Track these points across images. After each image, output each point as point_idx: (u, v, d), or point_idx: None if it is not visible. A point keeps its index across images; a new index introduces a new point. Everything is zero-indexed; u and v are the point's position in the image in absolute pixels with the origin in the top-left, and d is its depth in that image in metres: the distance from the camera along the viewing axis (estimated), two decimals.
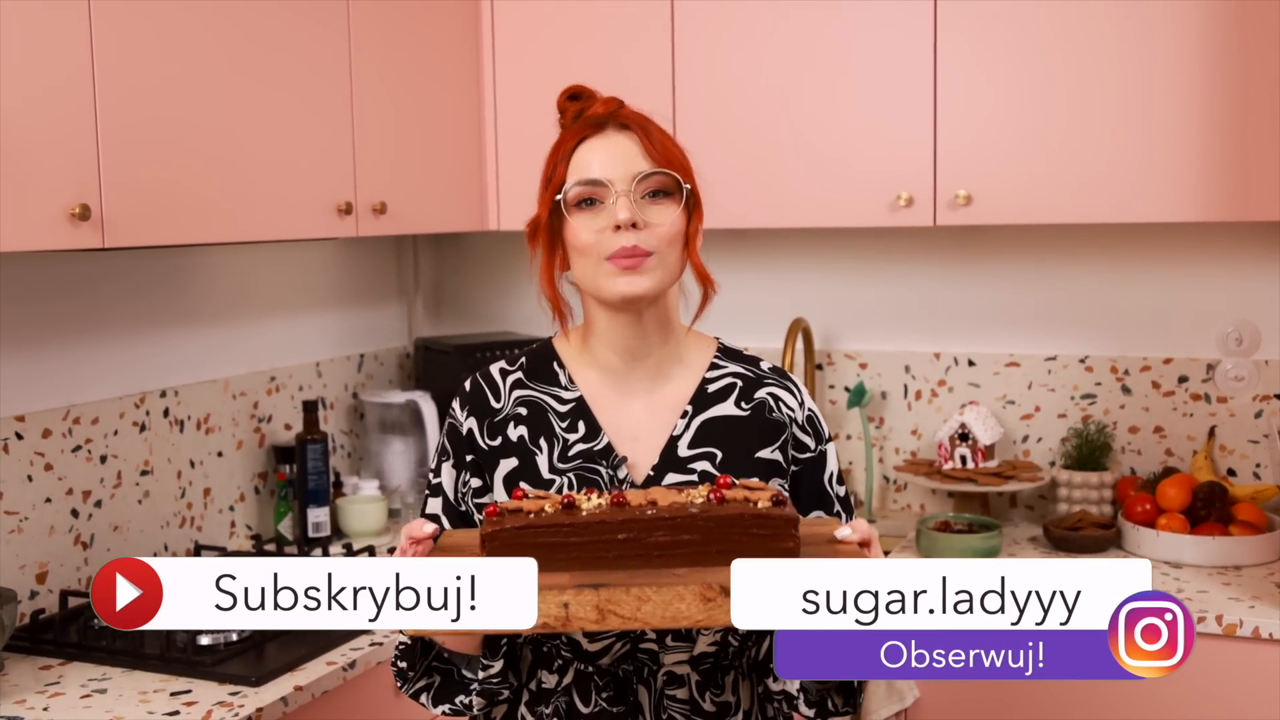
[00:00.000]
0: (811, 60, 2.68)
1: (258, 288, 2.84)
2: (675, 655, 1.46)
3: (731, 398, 1.51)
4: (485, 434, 1.49)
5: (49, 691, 1.96)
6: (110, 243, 1.94)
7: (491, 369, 1.54)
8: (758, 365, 1.55)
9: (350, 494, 2.93)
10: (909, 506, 3.07)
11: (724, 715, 1.48)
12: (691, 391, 1.50)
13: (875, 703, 2.40)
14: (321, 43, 2.42)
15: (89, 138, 1.91)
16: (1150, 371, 2.84)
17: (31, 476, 2.26)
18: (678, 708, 1.46)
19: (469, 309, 3.47)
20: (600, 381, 1.50)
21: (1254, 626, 2.21)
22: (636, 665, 1.46)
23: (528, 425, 1.48)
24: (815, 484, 1.52)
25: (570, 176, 1.43)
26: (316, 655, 2.08)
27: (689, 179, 1.45)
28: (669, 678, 1.46)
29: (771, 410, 1.51)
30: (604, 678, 1.46)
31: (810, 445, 1.52)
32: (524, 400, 1.50)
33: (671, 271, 1.44)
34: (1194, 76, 2.42)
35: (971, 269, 2.97)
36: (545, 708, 1.48)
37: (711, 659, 1.47)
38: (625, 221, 1.39)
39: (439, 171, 2.80)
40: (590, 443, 1.47)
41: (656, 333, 1.48)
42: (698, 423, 1.48)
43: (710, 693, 1.47)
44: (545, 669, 1.48)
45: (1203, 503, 2.60)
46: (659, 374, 1.50)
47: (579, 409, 1.49)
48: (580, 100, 1.49)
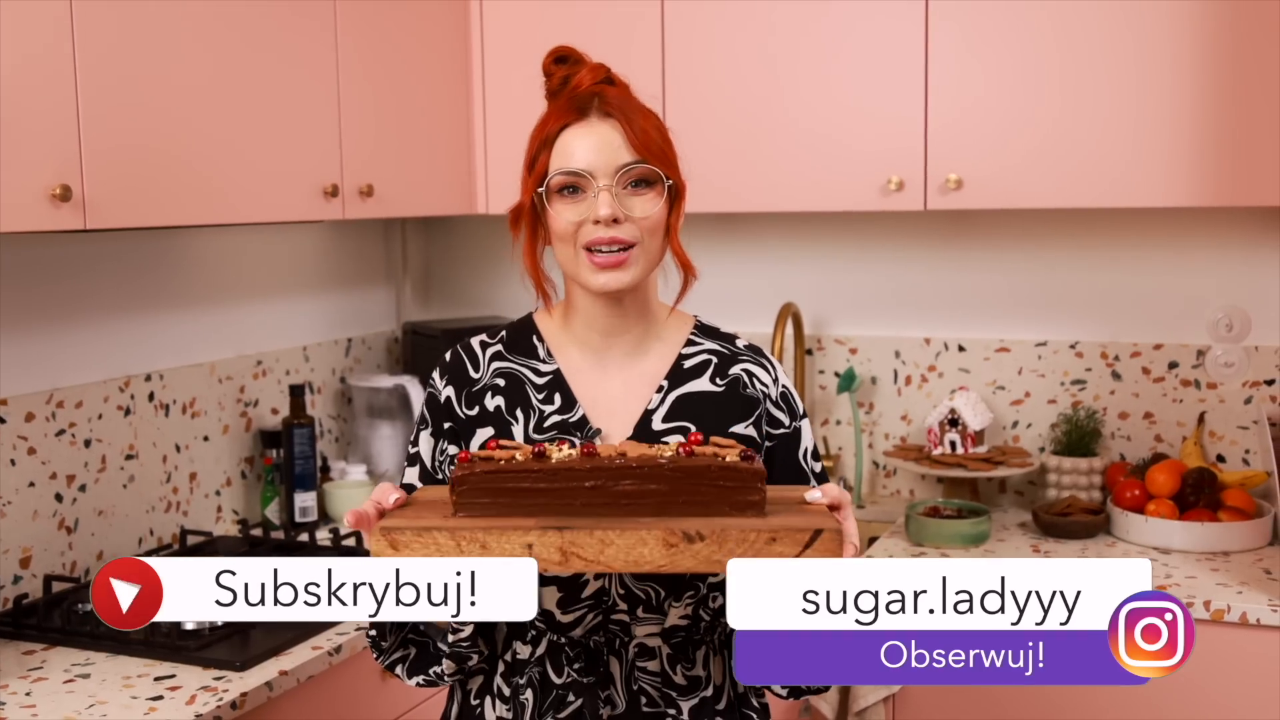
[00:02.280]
0: (802, 43, 2.67)
1: (244, 271, 2.82)
2: (646, 627, 1.47)
3: (707, 374, 1.52)
4: (463, 403, 1.51)
5: (32, 676, 1.94)
6: (92, 224, 1.92)
7: (472, 341, 1.56)
8: (733, 342, 1.57)
9: (338, 479, 2.92)
10: (898, 492, 3.06)
11: (695, 689, 1.49)
12: (667, 367, 1.52)
13: (863, 688, 2.40)
14: (307, 23, 2.40)
15: (70, 117, 1.89)
16: (1140, 357, 2.83)
17: (15, 461, 2.24)
18: (648, 679, 1.48)
19: (457, 293, 3.45)
20: (578, 356, 1.52)
21: (1242, 612, 2.21)
22: (608, 637, 1.48)
23: (505, 396, 1.50)
24: (790, 459, 1.54)
25: (553, 165, 1.44)
26: (301, 640, 2.07)
27: (671, 170, 1.46)
28: (640, 649, 1.47)
29: (746, 386, 1.53)
30: (575, 649, 1.47)
31: (785, 421, 1.54)
32: (502, 371, 1.52)
33: (652, 260, 1.47)
34: (1186, 62, 2.41)
35: (962, 254, 2.96)
36: (519, 678, 1.49)
37: (683, 632, 1.49)
38: (606, 218, 1.41)
39: (426, 154, 2.78)
40: (566, 414, 1.48)
41: (635, 312, 1.50)
42: (672, 397, 1.50)
43: (681, 666, 1.48)
44: (520, 640, 1.50)
45: (1192, 489, 2.60)
46: (636, 350, 1.52)
47: (556, 381, 1.50)
48: (567, 64, 1.49)
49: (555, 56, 1.50)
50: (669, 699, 1.47)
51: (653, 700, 1.47)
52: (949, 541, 2.59)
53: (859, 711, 2.41)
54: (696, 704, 1.48)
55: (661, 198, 1.44)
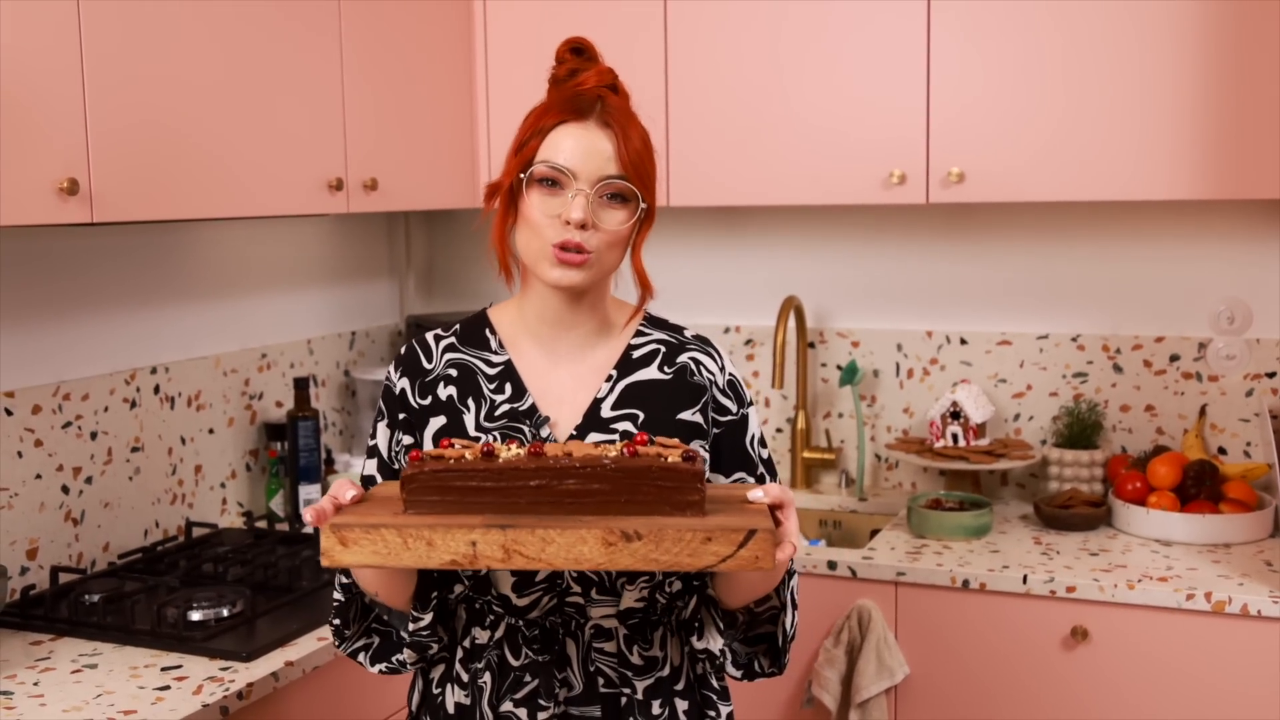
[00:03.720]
0: (805, 37, 2.67)
1: (249, 264, 2.83)
2: (602, 609, 1.50)
3: (655, 363, 1.55)
4: (416, 393, 1.54)
5: (39, 666, 1.96)
6: (99, 217, 1.93)
7: (426, 335, 1.59)
8: (681, 333, 1.60)
9: (342, 471, 2.93)
10: (900, 485, 3.07)
11: (651, 669, 1.51)
12: (616, 357, 1.55)
13: (865, 679, 2.41)
14: (312, 18, 2.41)
15: (77, 112, 1.90)
16: (1142, 350, 2.84)
17: (22, 453, 2.25)
18: (605, 660, 1.50)
19: (461, 286, 3.46)
20: (529, 347, 1.55)
21: (1243, 604, 2.22)
22: (564, 618, 1.50)
23: (457, 385, 1.53)
24: (737, 446, 1.56)
25: (540, 154, 1.46)
26: (307, 631, 2.08)
27: (649, 194, 1.49)
28: (596, 631, 1.50)
29: (693, 374, 1.55)
30: (532, 630, 1.50)
31: (731, 409, 1.56)
32: (454, 362, 1.55)
33: (607, 269, 1.50)
34: (1187, 55, 2.41)
35: (964, 247, 2.97)
36: (478, 663, 1.52)
37: (640, 614, 1.51)
38: (577, 221, 1.43)
39: (430, 148, 2.78)
40: (516, 403, 1.51)
41: (588, 308, 1.54)
42: (621, 386, 1.53)
43: (639, 647, 1.51)
44: (478, 626, 1.52)
45: (1193, 481, 2.60)
46: (586, 343, 1.55)
47: (507, 371, 1.53)
48: (580, 57, 1.52)
49: (572, 46, 1.52)
50: (625, 679, 1.50)
51: (610, 680, 1.50)
52: (951, 534, 2.59)
53: (861, 703, 2.42)
54: (652, 683, 1.51)
55: (633, 217, 1.47)
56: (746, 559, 1.25)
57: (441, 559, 1.26)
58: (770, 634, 1.52)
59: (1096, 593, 2.31)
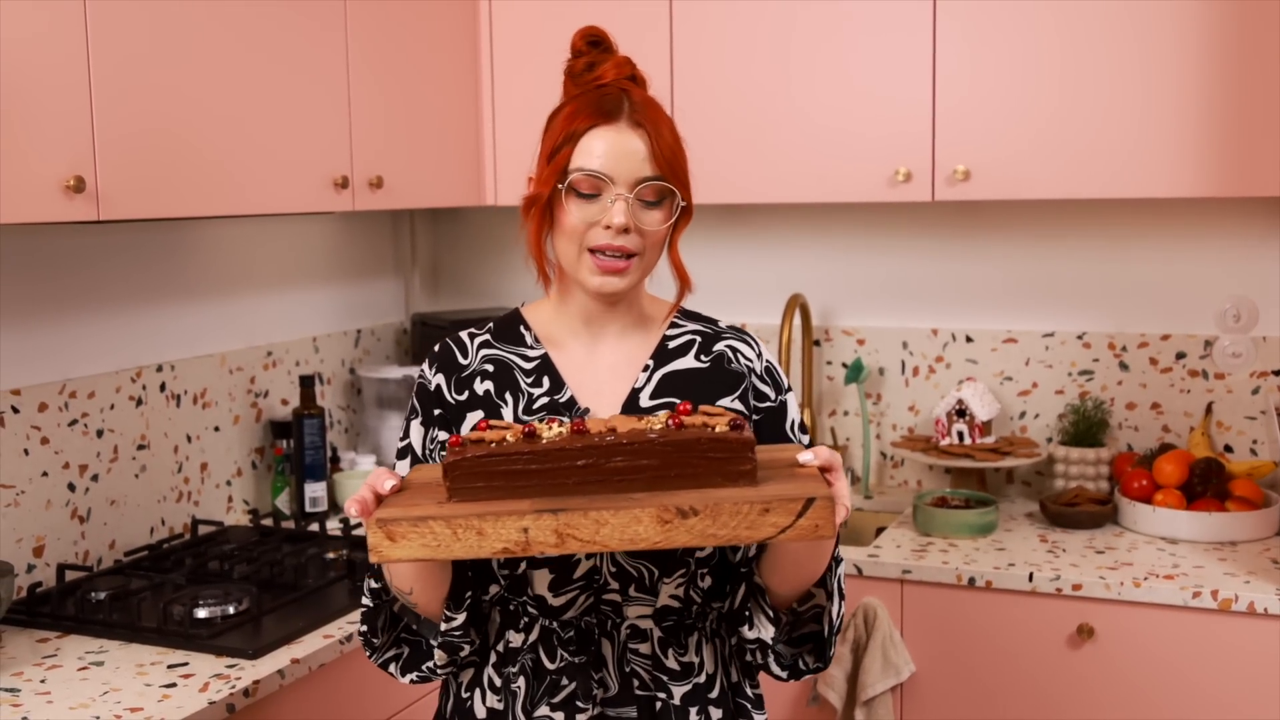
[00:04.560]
0: (810, 35, 2.67)
1: (254, 262, 2.83)
2: (638, 608, 1.48)
3: (691, 352, 1.54)
4: (453, 389, 1.53)
5: (46, 664, 1.96)
6: (105, 215, 1.93)
7: (460, 333, 1.58)
8: (716, 324, 1.59)
9: (347, 469, 2.93)
10: (906, 482, 3.07)
11: (687, 675, 1.49)
12: (652, 348, 1.54)
13: (871, 677, 2.41)
14: (318, 15, 2.41)
15: (83, 109, 1.90)
16: (1148, 348, 2.83)
17: (28, 450, 2.26)
18: (640, 662, 1.48)
19: (466, 284, 3.46)
20: (565, 343, 1.54)
21: (1249, 601, 2.22)
22: (600, 618, 1.48)
23: (494, 380, 1.52)
24: (778, 433, 1.55)
25: (575, 161, 1.44)
26: (313, 628, 2.09)
27: (685, 190, 1.47)
28: (632, 631, 1.48)
29: (730, 361, 1.55)
30: (568, 631, 1.48)
31: (770, 395, 1.55)
32: (491, 358, 1.54)
33: (648, 269, 1.49)
34: (1193, 53, 2.40)
35: (970, 245, 2.96)
36: (511, 667, 1.50)
37: (675, 615, 1.49)
38: (619, 226, 1.42)
39: (436, 146, 2.79)
40: (554, 395, 1.50)
41: (625, 305, 1.53)
42: (659, 375, 1.52)
43: (673, 650, 1.49)
44: (512, 629, 1.50)
45: (1199, 479, 2.60)
46: (623, 336, 1.54)
47: (544, 365, 1.52)
48: (597, 49, 1.50)
49: (588, 38, 1.50)
50: (660, 683, 1.48)
51: (645, 683, 1.48)
52: (957, 532, 2.59)
53: (866, 701, 2.42)
54: (689, 690, 1.49)
55: (671, 214, 1.46)
56: (806, 528, 1.22)
57: (493, 548, 1.22)
58: (814, 633, 1.50)
59: (1103, 590, 2.30)
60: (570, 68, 1.50)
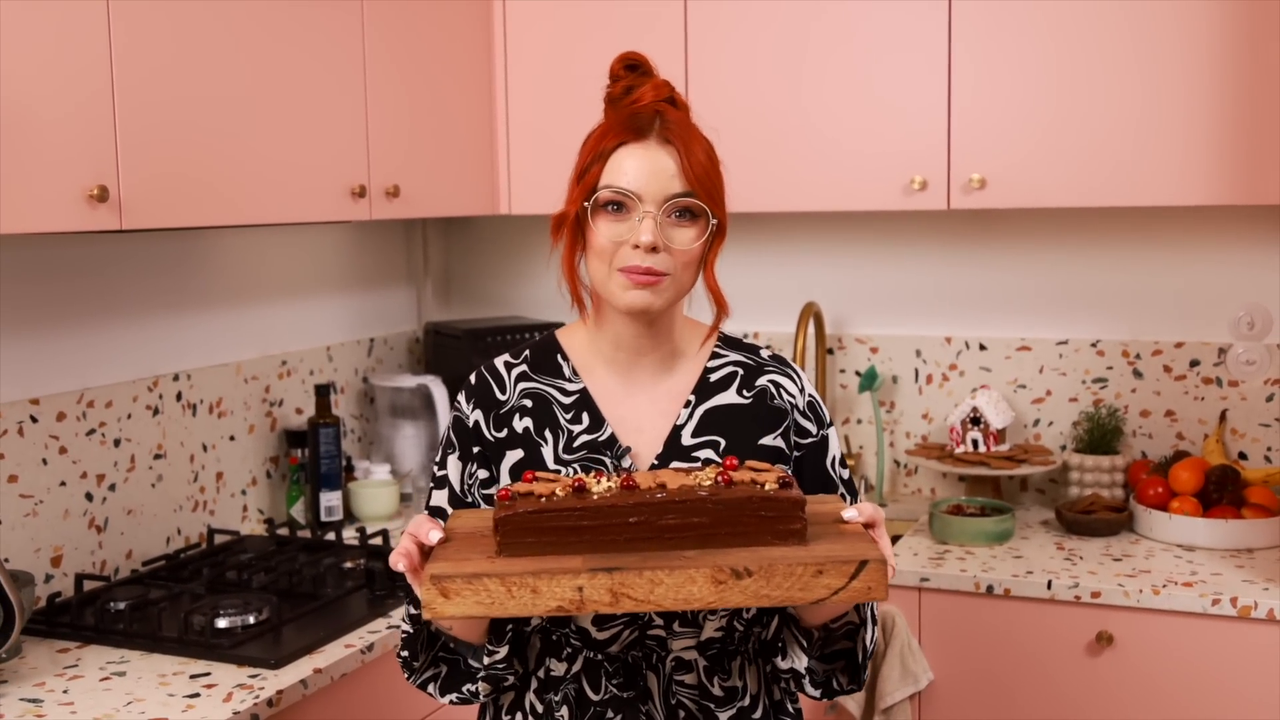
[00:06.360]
0: (826, 44, 2.67)
1: (269, 271, 2.84)
2: (683, 641, 1.47)
3: (733, 386, 1.52)
4: (491, 426, 1.50)
5: (68, 674, 1.95)
6: (128, 224, 1.93)
7: (496, 362, 1.54)
8: (758, 353, 1.56)
9: (362, 478, 2.93)
10: (920, 490, 3.07)
11: (731, 699, 1.49)
12: (694, 382, 1.51)
13: (890, 685, 2.40)
14: (336, 27, 2.41)
15: (107, 120, 1.90)
16: (1162, 355, 2.84)
17: (46, 460, 2.25)
18: (686, 693, 1.47)
19: (478, 293, 3.46)
20: (604, 374, 1.51)
21: (1268, 609, 2.22)
22: (645, 652, 1.47)
23: (533, 417, 1.49)
24: (818, 469, 1.53)
25: (603, 179, 1.41)
26: (335, 638, 2.08)
27: (718, 207, 1.44)
28: (677, 663, 1.47)
29: (773, 397, 1.52)
30: (613, 664, 1.47)
31: (812, 430, 1.53)
32: (529, 392, 1.51)
33: (682, 290, 1.46)
34: (1206, 61, 2.41)
35: (984, 253, 2.97)
36: (554, 695, 1.48)
37: (718, 644, 1.48)
38: (647, 245, 1.39)
39: (451, 155, 2.79)
40: (594, 434, 1.47)
41: (663, 331, 1.50)
42: (700, 411, 1.49)
43: (718, 677, 1.48)
44: (554, 657, 1.49)
45: (1215, 486, 2.60)
46: (662, 367, 1.51)
47: (583, 400, 1.49)
48: (635, 73, 1.47)
49: (626, 63, 1.47)
50: (707, 711, 1.47)
51: (691, 713, 1.47)
52: (973, 539, 2.59)
53: (885, 709, 2.41)
54: (734, 714, 1.48)
55: (704, 234, 1.43)
56: (859, 590, 1.22)
57: (548, 605, 1.22)
58: (847, 650, 1.48)
59: (1121, 598, 2.30)
60: (609, 93, 1.47)
